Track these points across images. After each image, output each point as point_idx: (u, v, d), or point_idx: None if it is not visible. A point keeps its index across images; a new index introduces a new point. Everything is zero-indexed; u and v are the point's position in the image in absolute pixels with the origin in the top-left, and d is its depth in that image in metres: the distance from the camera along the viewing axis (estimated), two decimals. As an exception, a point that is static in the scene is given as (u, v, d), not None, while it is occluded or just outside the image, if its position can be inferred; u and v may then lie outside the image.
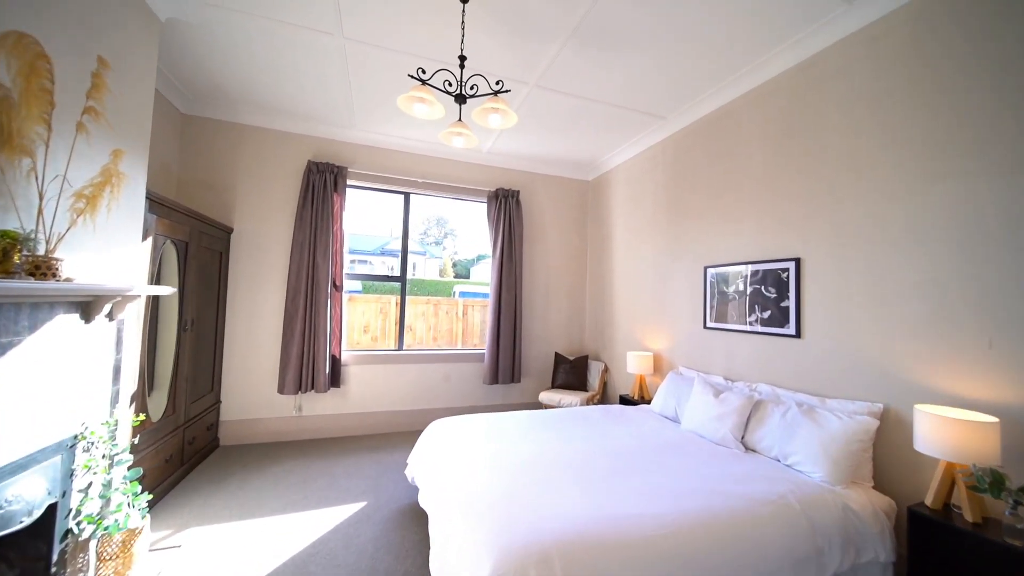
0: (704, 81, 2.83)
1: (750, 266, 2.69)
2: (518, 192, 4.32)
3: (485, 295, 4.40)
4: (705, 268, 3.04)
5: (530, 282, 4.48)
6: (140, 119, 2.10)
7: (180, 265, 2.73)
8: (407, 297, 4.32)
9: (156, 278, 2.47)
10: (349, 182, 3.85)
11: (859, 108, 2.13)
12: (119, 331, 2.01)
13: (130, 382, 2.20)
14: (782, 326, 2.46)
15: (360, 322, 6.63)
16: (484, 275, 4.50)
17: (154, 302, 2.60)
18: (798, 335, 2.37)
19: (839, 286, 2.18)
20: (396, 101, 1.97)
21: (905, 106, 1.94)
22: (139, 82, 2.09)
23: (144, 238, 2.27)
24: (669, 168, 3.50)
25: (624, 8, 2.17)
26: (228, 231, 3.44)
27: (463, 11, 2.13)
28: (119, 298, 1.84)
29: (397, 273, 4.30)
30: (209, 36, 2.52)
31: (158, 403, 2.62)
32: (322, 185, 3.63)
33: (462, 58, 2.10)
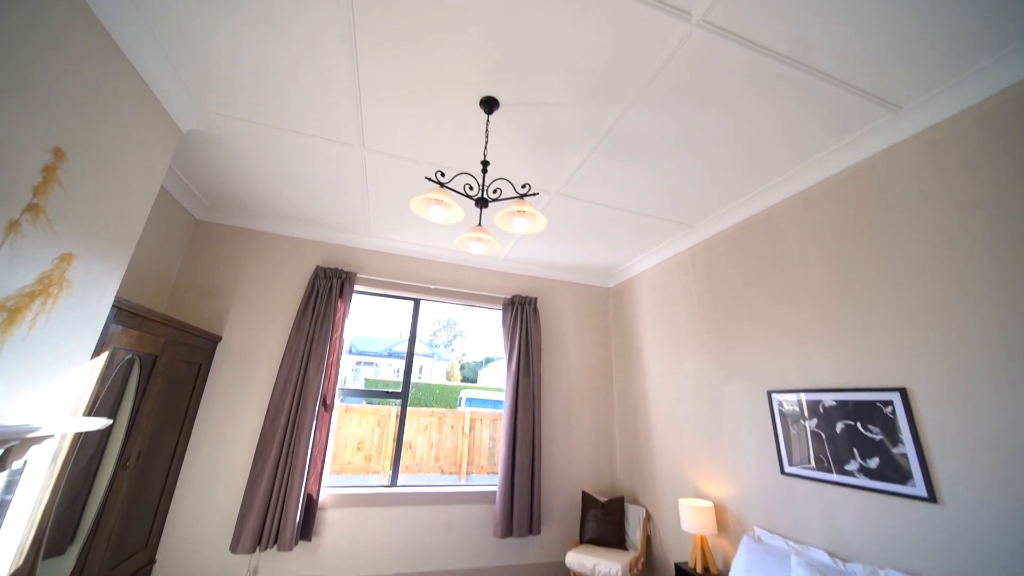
0: (735, 189, 2.67)
1: (831, 394, 2.15)
2: (535, 299, 4.02)
3: (493, 403, 3.81)
4: (769, 393, 2.50)
5: (550, 402, 3.89)
6: (127, 225, 1.89)
7: (140, 384, 2.30)
8: (408, 408, 3.72)
9: (105, 402, 2.02)
10: (356, 287, 3.60)
11: (940, 212, 1.84)
12: (10, 484, 1.49)
13: (13, 552, 1.59)
14: (902, 482, 1.82)
15: (355, 436, 5.81)
16: (493, 379, 3.95)
17: (101, 431, 2.11)
18: (932, 498, 1.72)
19: (981, 430, 1.62)
20: (409, 204, 1.74)
21: (1002, 212, 1.64)
22: (139, 188, 1.94)
23: (96, 354, 1.89)
24: (702, 276, 3.20)
25: (652, 119, 2.08)
26: (215, 340, 3.08)
27: (487, 121, 2.04)
28: (16, 441, 1.38)
29: (402, 376, 3.79)
30: (231, 146, 2.50)
31: (60, 573, 1.94)
32: (327, 291, 3.37)
33: (485, 163, 1.94)
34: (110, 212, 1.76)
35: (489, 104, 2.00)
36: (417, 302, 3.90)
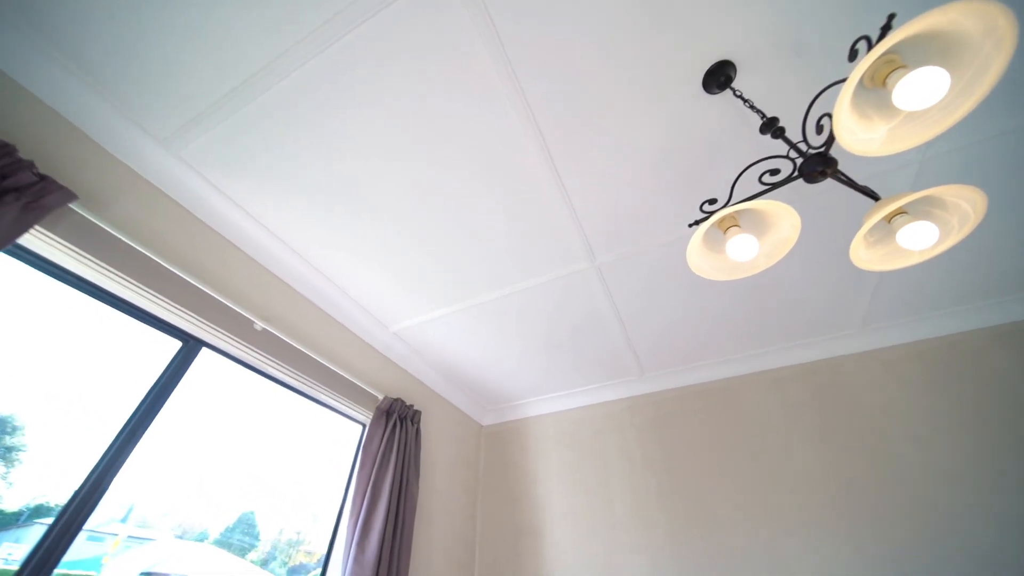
0: (715, 347, 2.56)
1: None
2: (420, 414, 2.39)
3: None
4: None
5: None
6: None
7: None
8: None
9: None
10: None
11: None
12: None
13: None
14: None
15: None
16: None
17: None
18: None
19: None
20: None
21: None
22: None
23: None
24: (648, 439, 2.67)
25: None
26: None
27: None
28: None
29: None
30: None
31: None
32: None
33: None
34: None
35: (721, 74, 1.26)
36: (192, 345, 1.59)
